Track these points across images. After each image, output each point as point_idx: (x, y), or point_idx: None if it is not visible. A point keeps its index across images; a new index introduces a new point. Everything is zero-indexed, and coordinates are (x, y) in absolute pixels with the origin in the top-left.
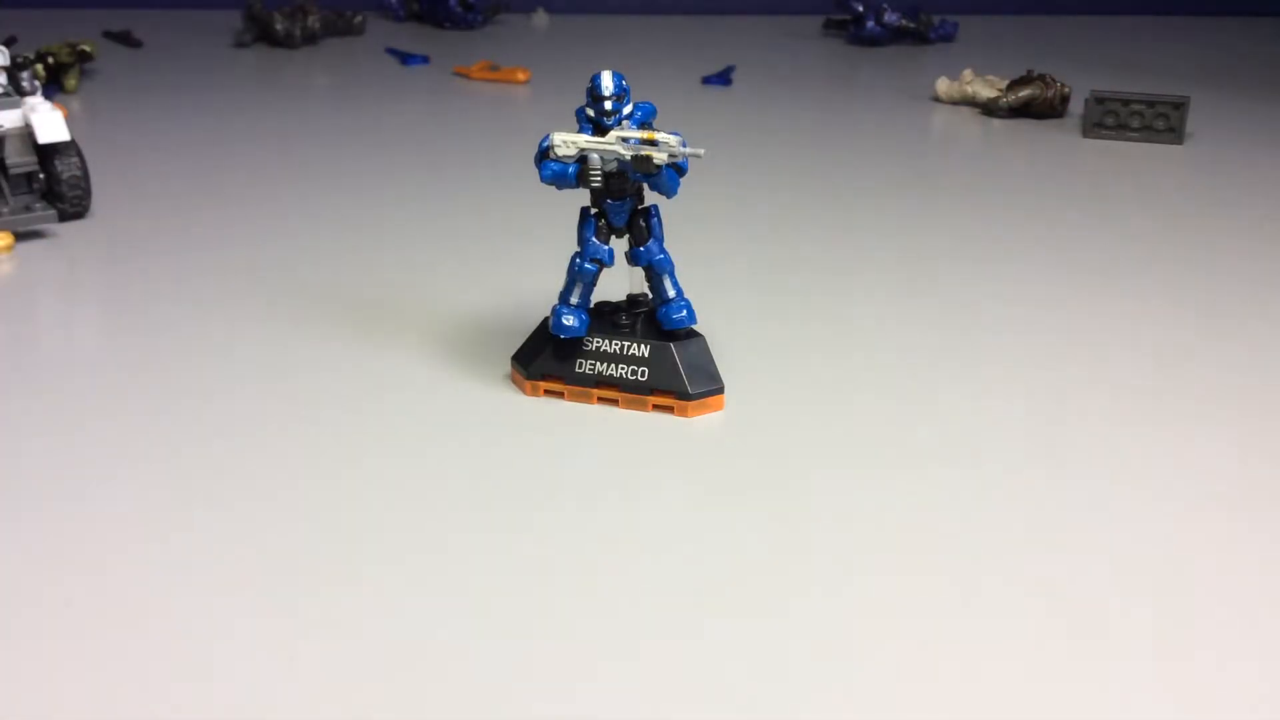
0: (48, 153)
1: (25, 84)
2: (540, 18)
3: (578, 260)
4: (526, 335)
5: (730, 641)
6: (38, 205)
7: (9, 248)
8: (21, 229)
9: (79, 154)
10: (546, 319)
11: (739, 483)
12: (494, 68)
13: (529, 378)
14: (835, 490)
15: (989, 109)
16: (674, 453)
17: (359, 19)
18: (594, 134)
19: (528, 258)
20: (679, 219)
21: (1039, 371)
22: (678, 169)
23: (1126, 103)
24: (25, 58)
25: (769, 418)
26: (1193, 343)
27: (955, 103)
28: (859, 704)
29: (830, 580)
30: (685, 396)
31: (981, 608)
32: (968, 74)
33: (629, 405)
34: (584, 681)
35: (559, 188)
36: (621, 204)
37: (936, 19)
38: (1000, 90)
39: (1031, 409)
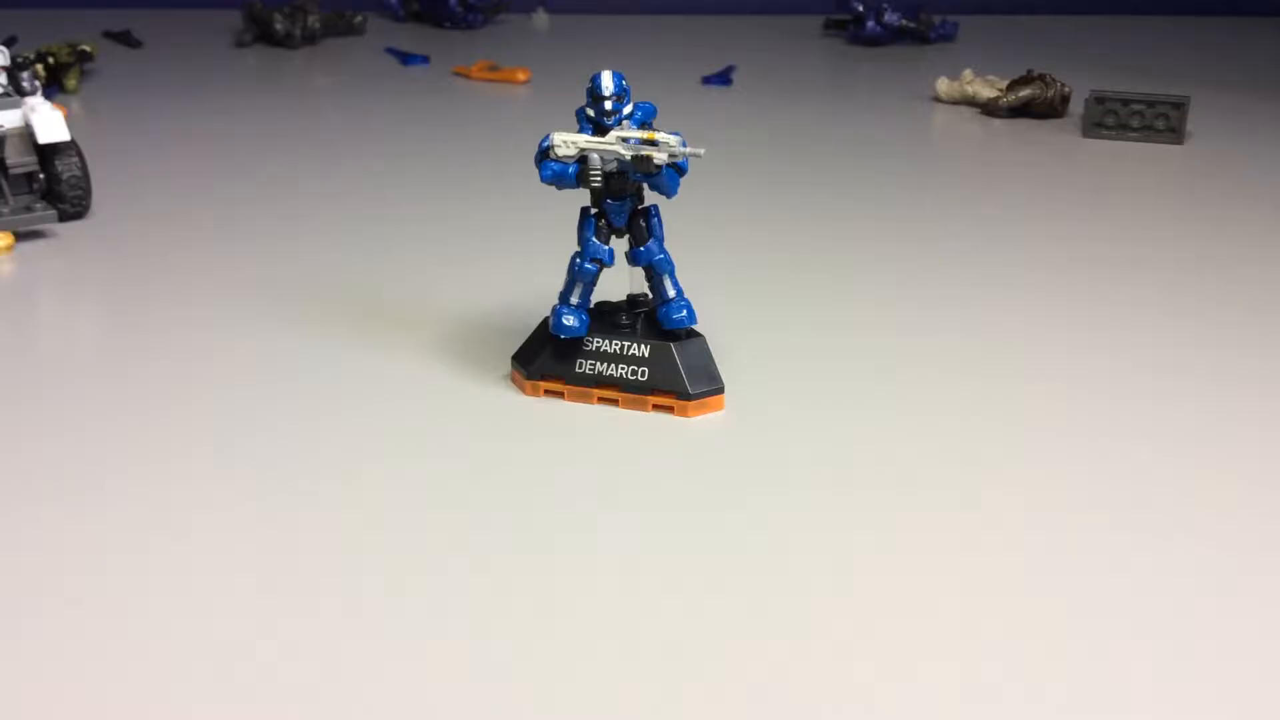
0: (48, 153)
1: (25, 84)
2: (540, 18)
3: (578, 260)
4: (526, 335)
5: (730, 641)
6: (38, 205)
7: (9, 248)
8: (21, 229)
9: (79, 154)
10: (546, 319)
11: (738, 483)
12: (494, 68)
13: (529, 378)
14: (835, 490)
15: (989, 109)
16: (674, 453)
17: (359, 19)
18: (594, 134)
19: (528, 258)
20: (679, 219)
21: (1038, 371)
22: (678, 169)
23: (1126, 103)
24: (25, 58)
25: (769, 418)
26: (1193, 343)
27: (955, 103)
28: (858, 703)
29: (830, 581)
30: (685, 396)
31: (981, 609)
32: (968, 74)
33: (629, 405)
34: (583, 681)
35: (559, 188)
36: (621, 204)
37: (936, 19)
38: (1000, 90)
39: (1030, 408)
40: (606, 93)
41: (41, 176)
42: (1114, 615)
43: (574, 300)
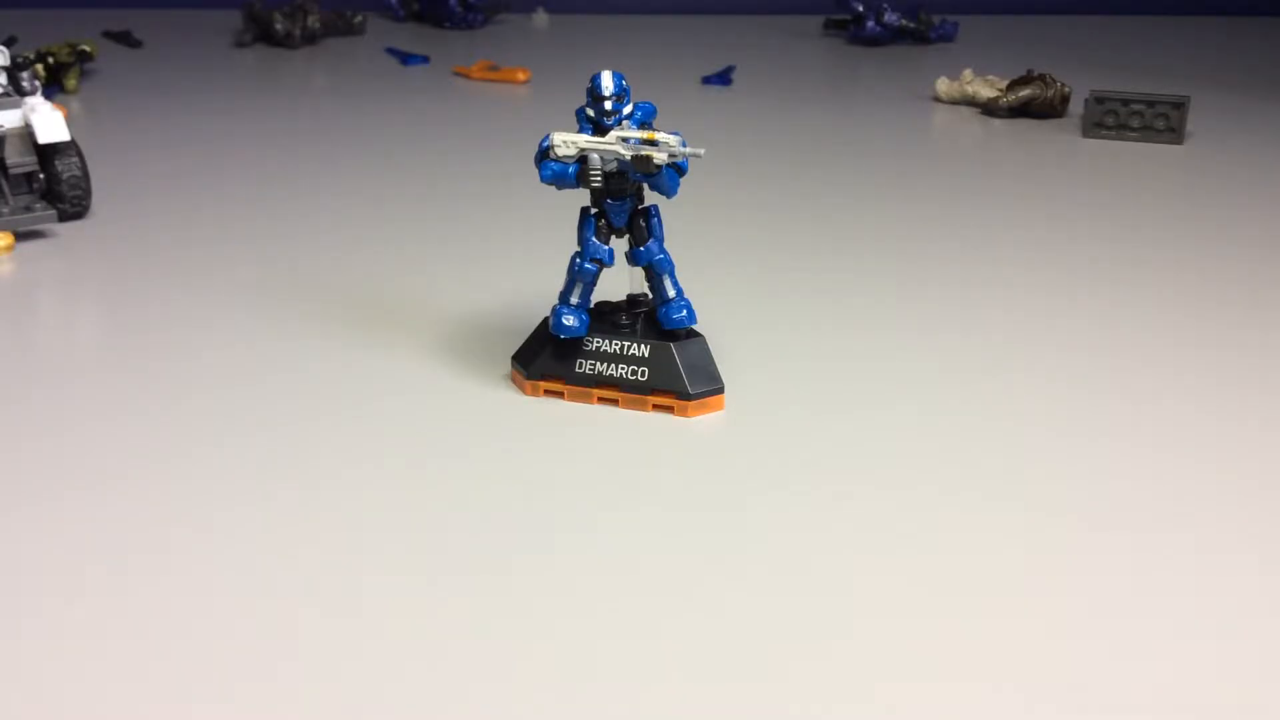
0: (48, 153)
1: (25, 84)
2: (540, 18)
3: (578, 260)
4: (526, 335)
5: (730, 641)
6: (38, 205)
7: (9, 248)
8: (21, 229)
9: (79, 154)
10: (546, 319)
11: (739, 483)
12: (494, 68)
13: (529, 378)
14: (835, 490)
15: (989, 109)
16: (674, 453)
17: (359, 19)
18: (594, 134)
19: (528, 258)
20: (679, 219)
21: (1038, 371)
22: (678, 169)
23: (1126, 103)
24: (25, 58)
25: (769, 418)
26: (1193, 343)
27: (955, 103)
28: (858, 703)
29: (829, 580)
30: (685, 396)
31: (981, 609)
32: (968, 74)
33: (629, 405)
34: (582, 680)
35: (559, 188)
36: (621, 204)
37: (936, 19)
38: (1000, 90)
39: (1030, 409)
40: (606, 93)
41: (41, 176)
42: (1114, 615)
43: (574, 300)
